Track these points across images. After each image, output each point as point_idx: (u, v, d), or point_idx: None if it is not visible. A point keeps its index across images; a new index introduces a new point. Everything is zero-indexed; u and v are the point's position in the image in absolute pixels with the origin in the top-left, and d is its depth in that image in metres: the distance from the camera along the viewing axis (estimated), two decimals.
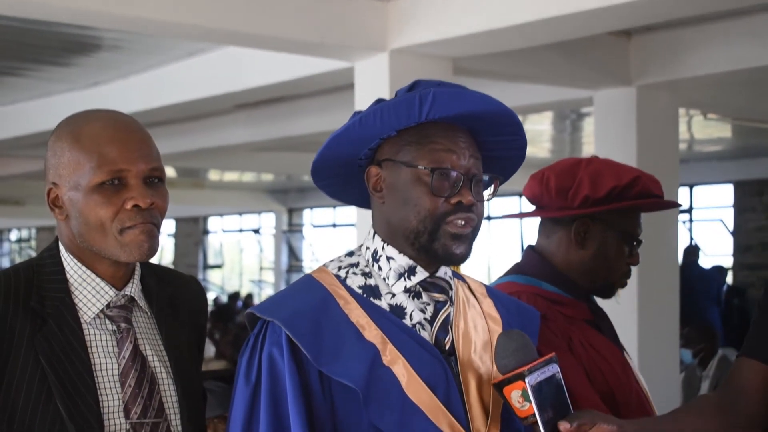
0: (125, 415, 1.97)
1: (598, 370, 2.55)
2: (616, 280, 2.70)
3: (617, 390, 2.54)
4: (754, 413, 2.08)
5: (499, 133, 2.06)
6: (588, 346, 2.58)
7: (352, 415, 1.90)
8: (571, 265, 2.67)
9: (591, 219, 2.65)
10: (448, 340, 1.99)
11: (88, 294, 2.02)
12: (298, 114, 9.50)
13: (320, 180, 2.13)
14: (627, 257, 2.67)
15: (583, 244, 2.65)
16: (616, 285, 2.71)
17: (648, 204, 2.67)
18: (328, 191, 2.18)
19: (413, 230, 1.96)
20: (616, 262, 2.66)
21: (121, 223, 1.97)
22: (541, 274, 2.69)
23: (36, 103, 9.75)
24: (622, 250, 2.66)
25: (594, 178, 2.62)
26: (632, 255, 2.69)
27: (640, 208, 2.69)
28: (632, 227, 2.68)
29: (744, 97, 8.58)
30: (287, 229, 20.87)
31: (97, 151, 1.97)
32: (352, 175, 2.09)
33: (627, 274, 2.71)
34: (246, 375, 1.94)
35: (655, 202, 2.68)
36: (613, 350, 2.64)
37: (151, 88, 8.37)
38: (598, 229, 2.65)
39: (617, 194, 2.61)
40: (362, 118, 1.98)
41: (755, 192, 14.13)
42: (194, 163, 14.08)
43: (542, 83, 7.35)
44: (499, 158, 2.11)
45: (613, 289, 2.71)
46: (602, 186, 2.61)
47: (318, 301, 1.96)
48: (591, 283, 2.68)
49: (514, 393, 1.83)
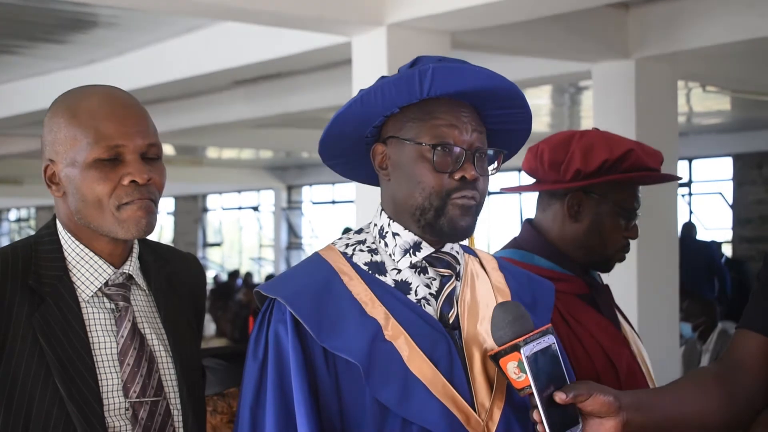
0: (124, 394, 1.97)
1: (580, 345, 2.54)
2: (613, 254, 2.68)
3: (601, 366, 2.54)
4: (752, 385, 2.08)
5: (502, 106, 2.05)
6: (574, 321, 2.57)
7: (356, 390, 1.91)
8: (565, 238, 2.66)
9: (584, 192, 2.64)
10: (453, 313, 2.00)
11: (86, 272, 2.01)
12: (296, 90, 9.48)
13: (328, 159, 2.14)
14: (624, 231, 2.66)
15: (577, 217, 2.65)
16: (612, 259, 2.69)
17: (640, 177, 2.65)
18: (338, 170, 2.18)
19: (419, 207, 1.97)
20: (611, 235, 2.65)
21: (119, 199, 1.96)
22: (535, 248, 2.69)
23: (32, 81, 9.72)
24: (617, 224, 2.65)
25: (586, 151, 2.61)
26: (629, 229, 2.67)
27: (633, 181, 2.66)
28: (628, 200, 2.66)
29: (743, 69, 8.55)
30: (286, 207, 20.87)
31: (94, 126, 1.96)
32: (361, 154, 2.10)
33: (625, 248, 2.69)
34: (254, 352, 1.97)
35: (648, 175, 2.66)
36: (605, 326, 2.63)
37: (148, 64, 8.34)
38: (592, 202, 2.64)
39: (609, 167, 2.60)
40: (363, 96, 1.99)
41: (755, 165, 14.12)
42: (192, 140, 14.07)
43: (541, 56, 7.34)
44: (505, 131, 2.11)
45: (610, 263, 2.70)
46: (593, 159, 2.60)
47: (322, 278, 1.98)
48: (586, 256, 2.67)
49: (510, 364, 1.83)
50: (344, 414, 1.92)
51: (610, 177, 2.59)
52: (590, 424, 1.87)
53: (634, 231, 2.68)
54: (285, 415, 1.90)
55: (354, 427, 1.92)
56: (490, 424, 1.94)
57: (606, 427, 1.88)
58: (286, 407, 1.90)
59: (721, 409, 2.04)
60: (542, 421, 1.81)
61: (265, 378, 1.94)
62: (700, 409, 2.03)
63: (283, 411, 1.90)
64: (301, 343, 1.92)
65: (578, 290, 2.65)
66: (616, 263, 2.72)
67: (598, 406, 1.85)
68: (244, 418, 1.94)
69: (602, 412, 1.86)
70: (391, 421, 1.90)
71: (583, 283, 2.68)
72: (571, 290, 2.63)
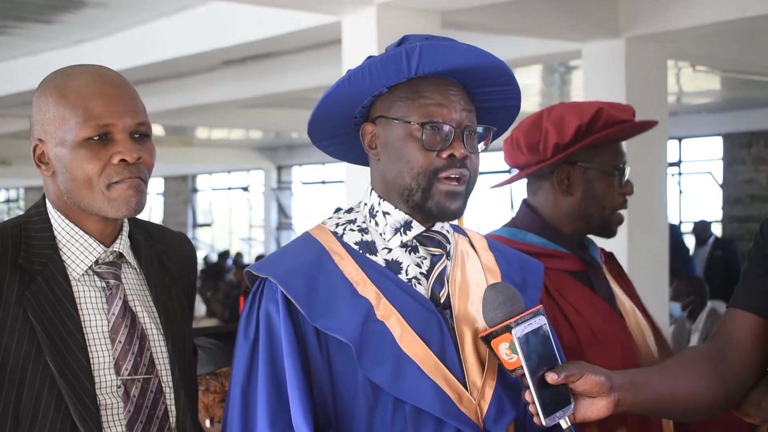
0: (116, 372, 1.97)
1: (565, 321, 2.55)
2: (611, 217, 2.69)
3: (587, 343, 2.54)
4: (743, 363, 2.08)
5: (491, 84, 2.05)
6: (560, 297, 2.58)
7: (348, 370, 1.91)
8: (560, 214, 2.67)
9: (569, 164, 2.65)
10: (444, 293, 2.00)
11: (76, 251, 2.01)
12: (285, 70, 9.46)
13: (318, 140, 2.13)
14: (618, 188, 2.67)
15: (569, 190, 2.66)
16: (612, 222, 2.70)
17: (617, 132, 2.65)
18: (328, 151, 2.18)
19: (407, 187, 1.97)
20: (606, 197, 2.66)
21: (108, 178, 1.96)
22: (529, 226, 2.70)
23: (21, 62, 9.68)
24: (609, 185, 2.66)
25: (558, 123, 2.63)
26: (624, 185, 2.68)
27: (611, 138, 2.66)
28: (612, 159, 2.67)
29: (733, 49, 8.56)
30: (276, 187, 20.84)
31: (83, 105, 1.95)
32: (350, 134, 2.09)
33: (622, 205, 2.70)
34: (245, 332, 1.96)
35: (623, 128, 2.65)
36: (595, 303, 2.63)
37: (137, 45, 8.31)
38: (579, 171, 2.65)
39: (584, 132, 2.61)
40: (351, 76, 1.97)
41: (744, 144, 14.14)
42: (182, 120, 14.04)
43: (531, 36, 7.32)
44: (493, 109, 2.10)
45: (611, 227, 2.71)
46: (567, 129, 2.61)
47: (313, 257, 1.97)
48: (587, 226, 2.68)
49: (501, 345, 1.83)
50: (336, 394, 1.92)
51: (588, 140, 2.61)
52: (582, 404, 1.87)
53: (628, 187, 2.69)
54: (277, 395, 1.89)
55: (346, 406, 1.92)
56: (482, 403, 1.94)
57: (598, 406, 1.88)
58: (278, 387, 1.90)
59: (712, 389, 2.05)
60: (534, 401, 1.81)
61: (256, 358, 1.93)
62: (691, 389, 2.03)
63: (275, 390, 1.90)
64: (293, 322, 1.92)
65: (571, 267, 2.66)
66: (617, 227, 2.72)
67: (590, 387, 1.86)
68: (236, 398, 1.93)
69: (594, 392, 1.87)
70: (384, 400, 1.90)
71: (578, 260, 2.68)
72: (563, 267, 2.64)
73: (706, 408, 2.07)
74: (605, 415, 1.90)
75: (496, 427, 1.94)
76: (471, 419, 1.92)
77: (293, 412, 1.87)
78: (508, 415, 1.96)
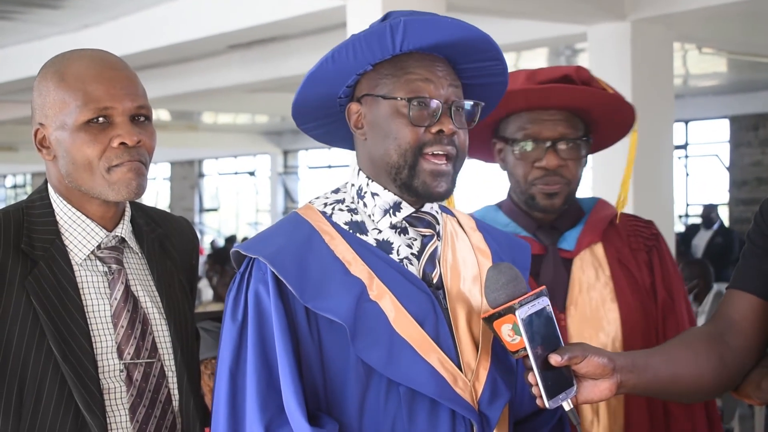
0: (118, 356, 1.97)
1: None
2: (527, 191, 2.55)
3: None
4: (743, 344, 2.08)
5: (477, 59, 2.01)
6: None
7: (339, 351, 1.88)
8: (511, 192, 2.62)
9: (498, 138, 2.59)
10: (436, 273, 1.97)
11: (78, 235, 2.01)
12: (291, 54, 9.44)
13: (303, 123, 2.09)
14: (534, 161, 2.52)
15: (504, 165, 2.60)
16: (535, 197, 2.55)
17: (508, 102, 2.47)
18: (313, 134, 2.14)
19: (394, 165, 1.93)
20: (514, 170, 2.56)
21: (109, 161, 1.96)
22: (502, 204, 2.65)
23: (25, 47, 9.68)
24: (516, 160, 2.53)
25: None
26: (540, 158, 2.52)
27: (505, 110, 2.53)
28: (514, 130, 2.55)
29: (739, 31, 8.53)
30: (283, 171, 20.84)
31: (83, 89, 1.95)
32: (335, 116, 2.06)
33: (540, 181, 2.53)
34: (233, 313, 1.91)
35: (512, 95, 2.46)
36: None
37: (143, 29, 8.30)
38: (500, 145, 2.60)
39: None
40: (334, 53, 1.94)
41: (751, 126, 14.10)
42: (188, 105, 14.04)
43: (536, 19, 7.30)
44: (481, 85, 2.07)
45: (536, 200, 2.54)
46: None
47: (303, 237, 1.93)
48: (524, 203, 2.57)
49: (504, 327, 1.82)
50: (327, 376, 1.88)
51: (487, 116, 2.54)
52: (585, 386, 1.87)
53: (548, 159, 2.50)
54: (267, 377, 1.86)
55: (337, 389, 1.88)
56: (477, 385, 1.92)
57: (600, 388, 1.88)
58: (268, 369, 1.86)
59: (712, 370, 2.04)
60: (538, 383, 1.81)
61: (245, 340, 1.88)
62: (692, 370, 2.03)
63: (265, 372, 1.86)
64: (283, 302, 1.87)
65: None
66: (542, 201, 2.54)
67: (593, 368, 1.85)
68: (223, 382, 1.88)
69: (597, 374, 1.86)
70: (376, 382, 1.88)
71: (537, 244, 2.57)
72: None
73: (706, 389, 2.08)
74: (608, 397, 1.90)
75: (491, 409, 1.92)
76: (466, 401, 1.90)
77: (285, 396, 1.83)
78: (502, 396, 1.95)
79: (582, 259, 2.60)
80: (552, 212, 2.58)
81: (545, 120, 2.52)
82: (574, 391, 1.86)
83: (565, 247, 2.60)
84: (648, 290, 2.63)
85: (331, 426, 1.86)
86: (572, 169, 2.54)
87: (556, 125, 2.52)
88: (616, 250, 2.64)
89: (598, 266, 2.61)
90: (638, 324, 2.57)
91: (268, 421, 1.84)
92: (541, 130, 2.52)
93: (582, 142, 2.56)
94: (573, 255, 2.60)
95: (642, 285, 2.62)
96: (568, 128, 2.54)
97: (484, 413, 1.92)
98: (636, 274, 2.63)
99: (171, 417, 2.02)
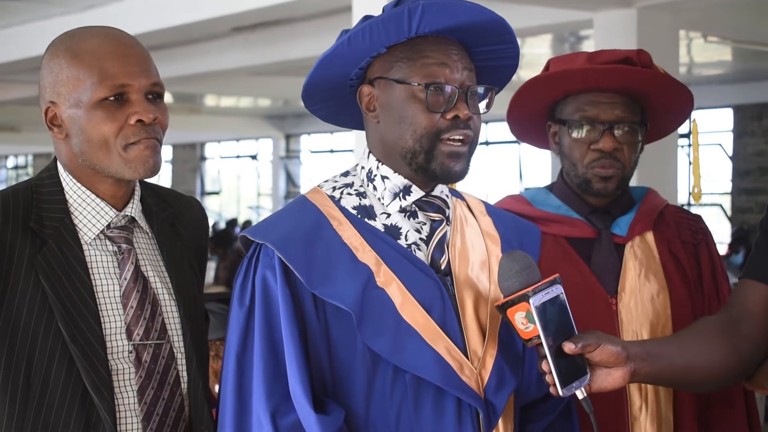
0: (128, 337, 1.96)
1: None
2: (583, 174, 2.54)
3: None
4: (756, 334, 2.07)
5: (491, 42, 2.01)
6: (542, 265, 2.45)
7: (346, 338, 1.88)
8: (565, 175, 2.62)
9: (554, 121, 2.60)
10: (444, 259, 1.97)
11: (88, 215, 2.00)
12: (295, 37, 9.41)
13: (312, 104, 2.09)
14: (590, 144, 2.52)
15: (560, 150, 2.60)
16: (590, 180, 2.54)
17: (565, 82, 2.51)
18: (320, 115, 2.14)
19: (409, 150, 1.93)
20: (570, 153, 2.55)
21: (126, 139, 1.94)
22: (553, 186, 2.65)
23: (30, 27, 9.65)
24: (573, 139, 2.53)
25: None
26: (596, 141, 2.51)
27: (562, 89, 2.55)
28: (571, 112, 2.54)
29: (744, 19, 8.50)
30: (285, 155, 20.83)
31: (98, 66, 1.93)
32: (344, 97, 2.05)
33: (596, 164, 2.52)
34: (240, 298, 1.91)
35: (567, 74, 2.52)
36: (579, 277, 2.50)
37: (147, 10, 8.28)
38: (556, 127, 2.60)
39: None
40: (351, 36, 1.93)
41: (755, 116, 14.08)
42: (191, 88, 14.01)
43: (541, 5, 7.28)
44: (492, 68, 2.06)
45: (591, 184, 2.54)
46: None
47: (311, 222, 1.93)
48: (578, 186, 2.57)
49: (517, 315, 1.81)
50: (333, 362, 1.88)
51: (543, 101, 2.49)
52: (598, 375, 1.87)
53: (604, 141, 2.50)
54: (273, 363, 1.85)
55: (344, 374, 1.88)
56: (483, 372, 1.92)
57: (614, 377, 1.88)
58: (274, 354, 1.86)
59: (725, 359, 2.04)
60: (551, 371, 1.80)
61: (252, 325, 1.89)
62: (705, 360, 2.03)
63: (272, 358, 1.85)
64: (290, 289, 1.87)
65: (579, 234, 2.56)
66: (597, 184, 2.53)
67: (607, 357, 1.85)
68: (230, 366, 1.89)
69: (610, 363, 1.86)
70: (383, 369, 1.88)
71: (588, 228, 2.58)
72: (567, 233, 2.55)
73: (719, 378, 2.07)
74: (621, 385, 1.89)
75: (497, 398, 1.92)
76: (472, 389, 1.89)
77: (291, 382, 1.83)
78: (508, 385, 1.94)
79: (634, 245, 2.60)
80: (605, 196, 2.58)
81: (603, 103, 2.52)
82: (588, 380, 1.85)
83: (617, 232, 2.60)
84: (696, 282, 2.62)
85: (338, 412, 1.85)
86: (627, 154, 2.54)
87: (614, 108, 2.52)
88: (667, 240, 2.63)
89: (650, 254, 2.60)
90: (687, 314, 2.56)
91: (275, 407, 1.84)
92: (599, 113, 2.52)
93: (639, 127, 2.56)
94: (625, 241, 2.60)
95: (690, 276, 2.62)
96: (626, 112, 2.54)
97: (490, 401, 1.91)
98: (685, 266, 2.62)
99: (179, 399, 2.01)
